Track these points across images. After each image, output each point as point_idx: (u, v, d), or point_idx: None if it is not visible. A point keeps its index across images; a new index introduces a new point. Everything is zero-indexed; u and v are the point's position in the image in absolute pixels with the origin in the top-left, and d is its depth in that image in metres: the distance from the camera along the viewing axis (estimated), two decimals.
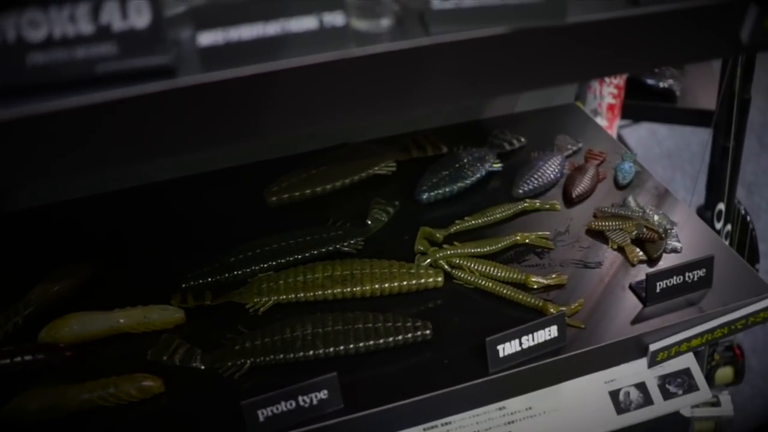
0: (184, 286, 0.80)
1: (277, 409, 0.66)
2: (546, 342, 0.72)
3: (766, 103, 2.65)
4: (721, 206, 1.28)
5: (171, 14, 0.43)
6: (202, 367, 0.73)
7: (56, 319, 0.77)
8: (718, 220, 1.33)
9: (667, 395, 1.08)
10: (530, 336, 0.71)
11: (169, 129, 0.42)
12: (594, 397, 1.06)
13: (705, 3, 0.50)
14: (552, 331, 0.72)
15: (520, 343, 0.70)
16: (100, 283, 0.83)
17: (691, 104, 1.45)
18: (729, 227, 1.36)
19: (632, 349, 0.76)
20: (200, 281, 0.81)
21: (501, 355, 0.70)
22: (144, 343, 0.75)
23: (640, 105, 1.44)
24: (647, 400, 1.07)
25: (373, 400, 0.68)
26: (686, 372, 1.10)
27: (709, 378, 1.56)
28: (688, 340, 0.78)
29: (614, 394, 1.07)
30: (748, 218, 1.44)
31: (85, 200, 0.95)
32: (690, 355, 1.12)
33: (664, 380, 1.09)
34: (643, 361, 1.11)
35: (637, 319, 0.76)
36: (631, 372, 1.09)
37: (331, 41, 0.43)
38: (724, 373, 1.59)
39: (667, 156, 2.75)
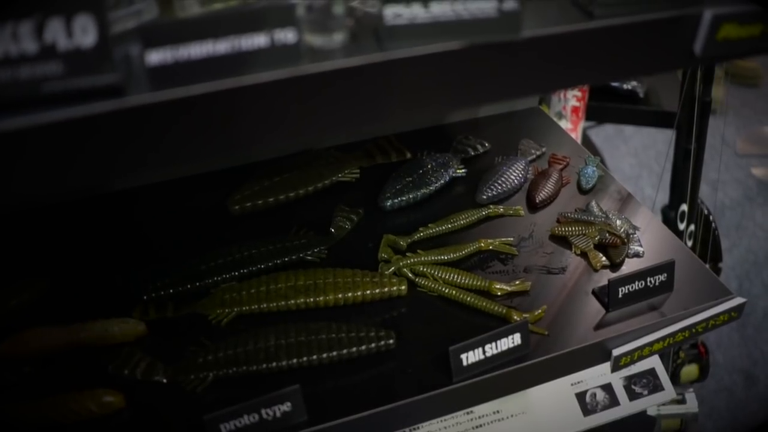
0: (145, 298, 0.79)
1: (240, 422, 0.65)
2: (509, 350, 0.72)
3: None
4: (684, 207, 1.29)
5: (118, 31, 0.42)
6: (165, 381, 0.72)
7: (14, 334, 0.75)
8: (682, 221, 1.34)
9: (632, 396, 1.09)
10: (493, 344, 0.71)
11: (118, 149, 0.41)
12: (561, 400, 1.07)
13: (659, 16, 0.51)
14: (515, 339, 0.72)
15: (484, 352, 0.70)
16: (58, 296, 0.82)
17: (654, 106, 1.47)
18: (692, 227, 1.37)
19: (596, 354, 0.76)
20: (162, 293, 0.80)
21: (464, 363, 0.70)
22: (105, 357, 0.74)
23: (605, 107, 1.45)
24: (613, 401, 1.08)
25: (337, 411, 0.68)
26: (651, 372, 1.11)
27: (675, 376, 1.58)
28: (650, 344, 0.78)
29: (581, 396, 1.08)
30: (711, 218, 1.46)
31: (40, 211, 0.93)
32: (655, 356, 1.13)
33: (629, 381, 1.10)
34: (608, 363, 1.12)
35: (600, 325, 0.77)
36: (597, 374, 1.10)
37: (283, 58, 0.42)
38: (690, 370, 1.61)
39: (634, 154, 2.78)
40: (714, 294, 0.81)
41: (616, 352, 0.77)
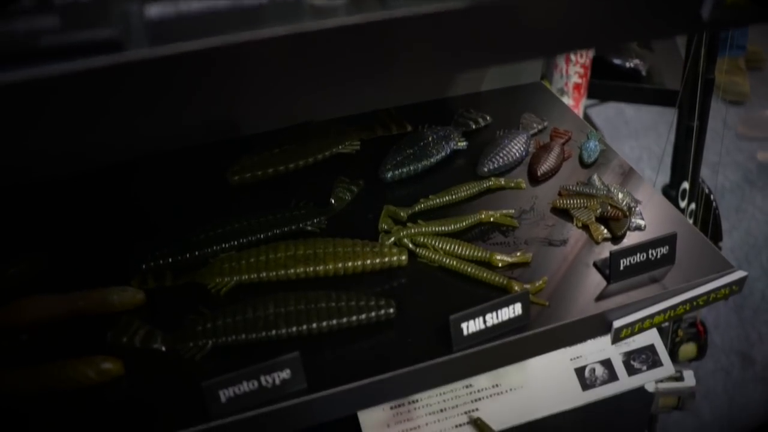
0: (144, 267, 0.79)
1: (239, 389, 0.65)
2: (510, 320, 0.72)
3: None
4: (686, 185, 1.29)
5: None
6: (163, 349, 0.72)
7: (12, 302, 0.75)
8: (683, 199, 1.34)
9: (631, 371, 1.09)
10: (494, 314, 0.71)
11: (116, 105, 0.41)
12: (560, 374, 1.08)
13: None
14: (516, 309, 0.72)
15: (484, 321, 0.70)
16: (57, 267, 0.81)
17: (656, 84, 1.46)
18: (693, 206, 1.37)
19: (596, 326, 0.76)
20: (161, 262, 0.79)
21: (465, 333, 0.70)
22: (103, 326, 0.74)
23: (607, 84, 1.45)
24: (612, 376, 1.08)
25: (336, 379, 0.68)
26: (650, 348, 1.11)
27: (673, 354, 1.58)
28: (651, 317, 0.78)
29: (580, 371, 1.08)
30: (712, 197, 1.46)
31: (41, 184, 0.93)
32: (654, 332, 1.13)
33: (628, 357, 1.10)
34: (608, 338, 1.12)
35: (601, 297, 0.77)
36: (597, 349, 1.10)
37: (284, 15, 0.42)
38: (688, 349, 1.62)
39: (634, 136, 2.77)
40: (715, 267, 0.81)
41: (616, 323, 0.77)
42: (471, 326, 0.70)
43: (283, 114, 1.00)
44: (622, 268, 0.78)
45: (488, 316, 0.70)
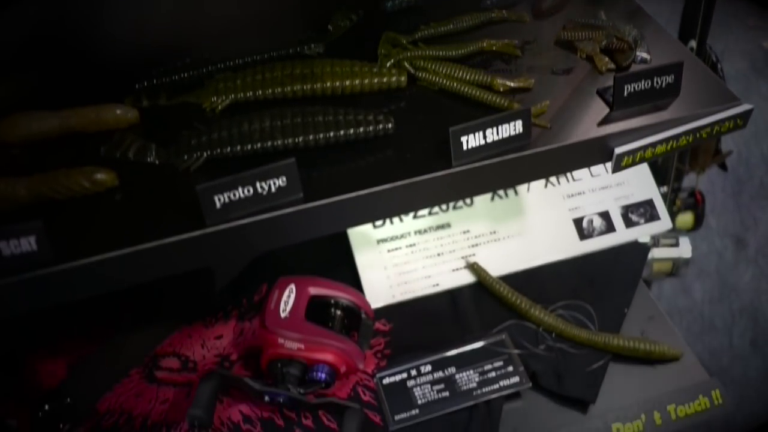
0: (137, 86, 0.77)
1: (234, 195, 0.64)
2: (511, 137, 0.70)
3: None
4: (693, 43, 1.25)
5: None
6: (157, 162, 0.71)
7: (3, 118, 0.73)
8: None
9: (629, 224, 1.10)
10: (495, 129, 0.69)
11: None
12: (558, 224, 1.08)
13: None
14: (517, 126, 0.70)
15: (484, 136, 0.69)
16: (49, 86, 0.79)
17: None
18: None
19: (597, 151, 0.75)
20: (155, 81, 0.77)
21: (464, 147, 0.68)
22: (97, 143, 0.73)
23: None
24: (610, 228, 1.09)
25: (333, 191, 0.67)
26: (649, 203, 1.11)
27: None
28: (653, 145, 0.77)
29: (578, 222, 1.08)
30: (719, 66, 1.43)
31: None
32: (653, 186, 1.13)
33: (627, 209, 1.10)
34: (607, 191, 1.12)
35: (604, 122, 0.75)
36: (595, 200, 1.10)
37: None
38: (685, 218, 1.62)
39: None
40: (721, 100, 0.79)
41: (618, 150, 0.75)
42: (471, 141, 0.68)
43: None
44: (625, 94, 0.76)
45: (488, 132, 0.69)
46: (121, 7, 0.88)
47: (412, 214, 1.05)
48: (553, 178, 1.10)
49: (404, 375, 0.93)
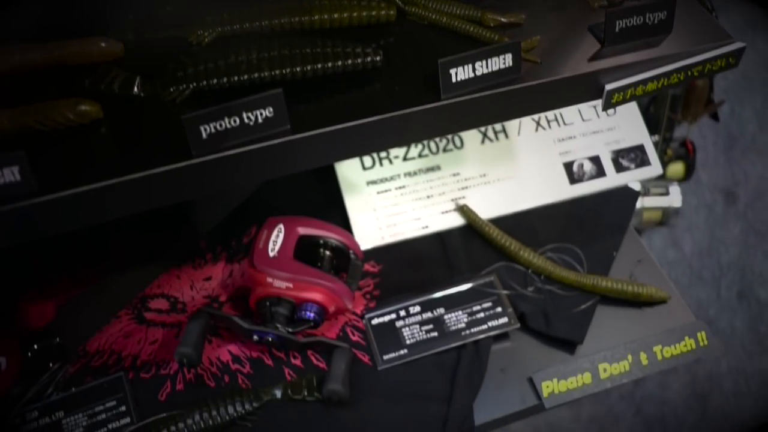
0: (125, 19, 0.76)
1: (221, 125, 0.63)
2: (500, 71, 0.70)
3: None
4: None
5: None
6: (142, 95, 0.70)
7: None
8: None
9: (619, 168, 1.09)
10: (484, 62, 0.68)
11: None
12: (548, 167, 1.08)
13: None
14: (507, 60, 0.70)
15: (474, 69, 0.68)
16: (33, 17, 0.78)
17: None
18: None
19: (587, 87, 0.74)
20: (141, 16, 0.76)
21: (454, 80, 0.68)
22: (82, 77, 0.71)
23: None
24: (600, 172, 1.09)
25: (321, 123, 0.66)
26: (640, 148, 1.11)
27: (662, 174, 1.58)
28: (644, 82, 0.76)
29: (568, 166, 1.08)
30: (710, 4, 1.41)
31: None
32: (644, 132, 1.13)
33: (617, 154, 1.10)
34: (598, 136, 1.11)
35: (595, 58, 0.74)
36: (586, 145, 1.10)
37: None
38: (676, 168, 1.63)
39: None
40: (713, 38, 0.78)
41: (608, 86, 0.75)
42: (460, 73, 0.68)
43: None
44: (617, 30, 0.75)
45: (478, 65, 0.68)
46: None
47: (401, 157, 1.04)
48: (543, 122, 1.09)
49: (393, 315, 0.93)
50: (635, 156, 1.09)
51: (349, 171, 1.03)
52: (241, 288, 0.95)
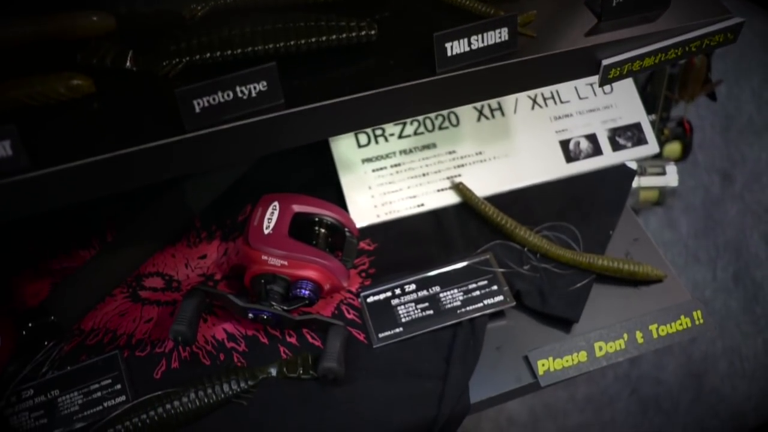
0: None
1: (214, 99, 0.63)
2: (496, 44, 0.69)
3: None
4: None
5: None
6: (135, 69, 0.69)
7: None
8: None
9: (616, 147, 1.09)
10: (480, 36, 0.68)
11: None
12: (545, 145, 1.07)
13: None
14: (503, 34, 0.69)
15: (469, 43, 0.68)
16: None
17: None
18: None
19: (584, 62, 0.74)
20: None
21: (449, 54, 0.67)
22: (74, 51, 0.70)
23: None
24: (597, 151, 1.08)
25: (315, 97, 0.66)
26: (636, 126, 1.11)
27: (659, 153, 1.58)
28: (641, 57, 0.76)
29: (564, 144, 1.08)
30: None
31: None
32: (641, 110, 1.12)
33: (614, 133, 1.10)
34: (595, 114, 1.11)
35: (592, 32, 0.74)
36: (583, 123, 1.09)
37: None
38: (673, 148, 1.62)
39: None
40: (711, 13, 0.78)
41: (605, 62, 0.74)
42: (455, 47, 0.67)
43: None
44: (614, 4, 0.75)
45: (473, 38, 0.68)
46: None
47: (397, 134, 1.03)
48: (540, 100, 1.08)
49: (388, 293, 0.93)
50: (632, 134, 1.09)
51: (344, 148, 1.02)
52: (236, 266, 0.95)
